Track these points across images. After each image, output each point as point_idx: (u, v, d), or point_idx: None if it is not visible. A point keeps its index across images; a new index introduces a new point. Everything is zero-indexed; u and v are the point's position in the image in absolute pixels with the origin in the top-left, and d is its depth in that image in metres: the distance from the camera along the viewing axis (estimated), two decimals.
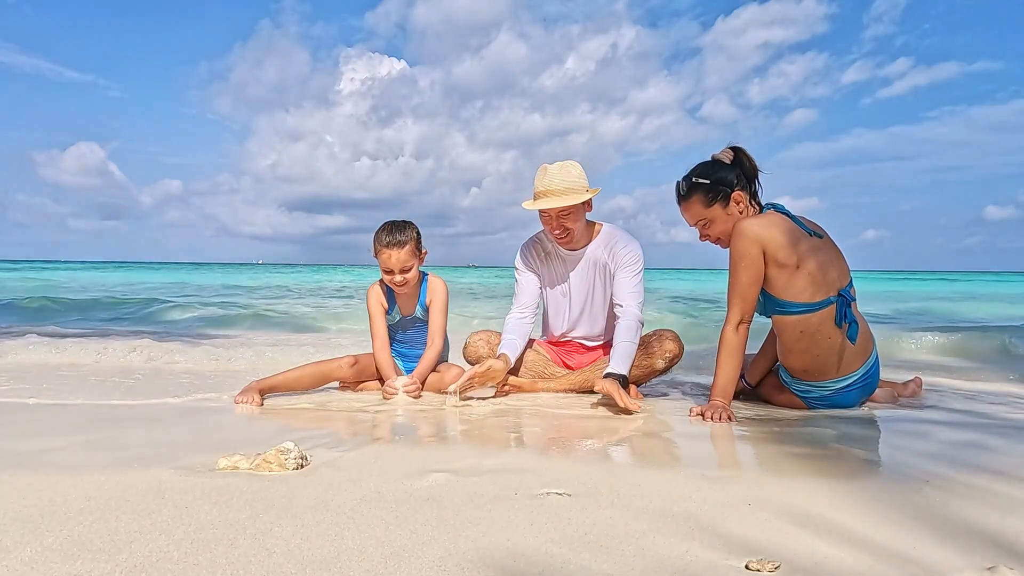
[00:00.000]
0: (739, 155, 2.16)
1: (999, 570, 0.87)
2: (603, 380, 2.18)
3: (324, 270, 43.67)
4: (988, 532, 1.03)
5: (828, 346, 2.05)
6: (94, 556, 0.91)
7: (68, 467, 1.35)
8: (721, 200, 2.13)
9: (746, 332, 2.08)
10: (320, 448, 1.54)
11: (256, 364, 3.44)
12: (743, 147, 2.17)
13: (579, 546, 0.96)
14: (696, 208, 2.17)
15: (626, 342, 2.32)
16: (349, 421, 2.01)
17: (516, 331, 2.53)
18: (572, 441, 1.73)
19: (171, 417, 2.00)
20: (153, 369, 3.26)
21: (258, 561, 0.90)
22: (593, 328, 2.63)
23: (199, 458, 1.42)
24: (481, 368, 2.31)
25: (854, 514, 1.10)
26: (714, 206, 2.14)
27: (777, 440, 1.73)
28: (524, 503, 1.15)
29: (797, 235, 2.02)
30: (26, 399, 2.29)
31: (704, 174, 2.15)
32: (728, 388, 2.08)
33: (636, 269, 2.48)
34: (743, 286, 2.03)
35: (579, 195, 2.37)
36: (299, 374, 2.49)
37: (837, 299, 2.02)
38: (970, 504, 1.16)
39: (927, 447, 1.64)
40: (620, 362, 2.27)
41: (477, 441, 1.76)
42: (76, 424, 1.87)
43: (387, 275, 2.50)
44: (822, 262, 2.03)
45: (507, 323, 2.57)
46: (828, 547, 0.96)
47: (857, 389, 2.14)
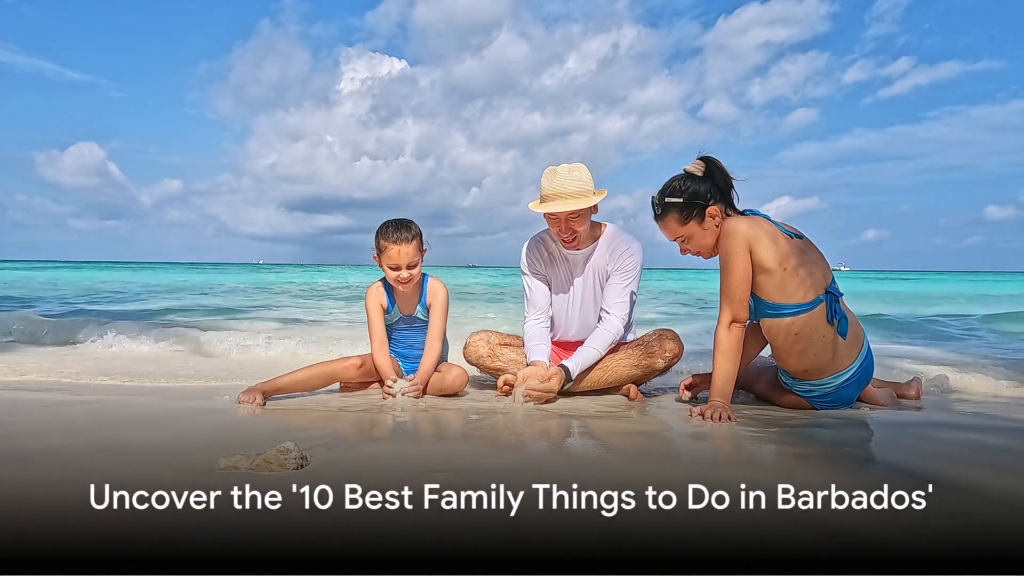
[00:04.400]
0: (711, 166, 2.11)
1: (999, 571, 0.87)
2: (531, 364, 2.34)
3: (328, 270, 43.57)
4: (988, 531, 1.03)
5: (823, 344, 2.06)
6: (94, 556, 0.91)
7: (68, 467, 1.35)
8: (696, 216, 2.11)
9: (739, 332, 2.08)
10: (320, 448, 1.53)
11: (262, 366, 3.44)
12: (715, 157, 2.12)
13: (579, 546, 0.96)
14: (672, 226, 2.16)
15: (592, 348, 2.40)
16: (349, 421, 2.01)
17: (539, 336, 2.54)
18: (573, 441, 1.73)
19: (171, 417, 2.00)
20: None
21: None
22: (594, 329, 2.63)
23: (199, 458, 1.42)
24: (541, 385, 2.28)
25: (854, 514, 1.10)
26: (690, 223, 2.12)
27: (777, 440, 1.73)
28: (524, 503, 1.15)
29: (780, 237, 2.04)
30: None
31: (676, 192, 2.12)
32: (726, 388, 2.08)
33: (631, 276, 2.48)
34: (733, 285, 2.04)
35: (589, 198, 2.37)
36: (305, 375, 2.48)
37: (826, 296, 2.05)
38: (970, 503, 1.16)
39: (927, 447, 1.64)
40: (575, 363, 2.36)
41: (477, 441, 1.76)
42: (76, 424, 1.87)
43: (393, 271, 2.49)
44: (808, 262, 2.06)
45: (528, 331, 2.57)
46: (828, 547, 0.96)
47: (856, 381, 2.15)
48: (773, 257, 2.00)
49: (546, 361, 2.43)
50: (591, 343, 2.41)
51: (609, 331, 2.41)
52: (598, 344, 2.41)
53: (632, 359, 2.48)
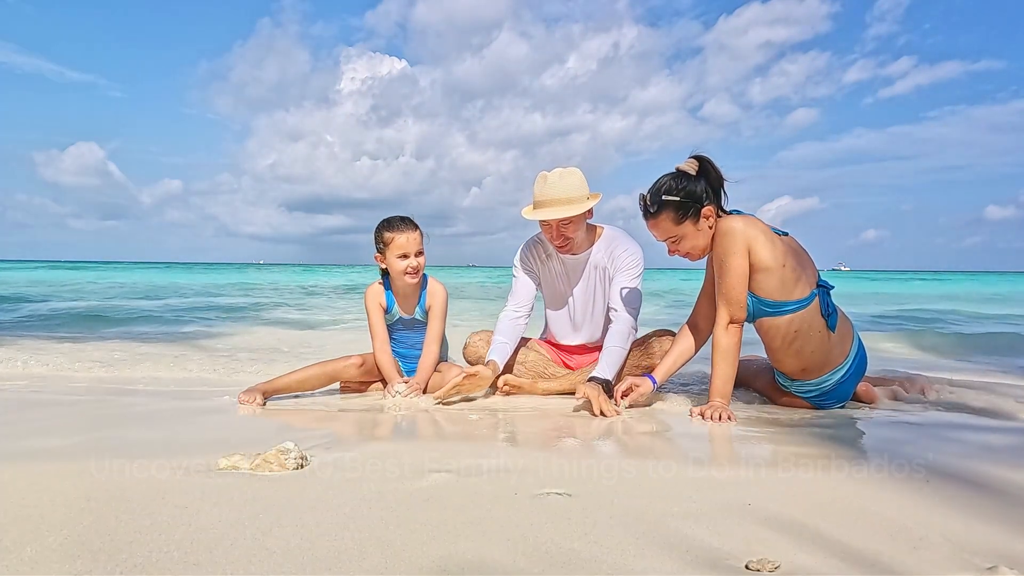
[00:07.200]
0: (704, 165, 2.07)
1: (999, 570, 0.87)
2: (585, 384, 2.17)
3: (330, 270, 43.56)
4: (988, 532, 1.03)
5: (819, 340, 2.06)
6: (94, 556, 0.91)
7: (68, 467, 1.35)
8: (692, 216, 2.06)
9: (737, 332, 2.07)
10: (320, 448, 1.53)
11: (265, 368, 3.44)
12: (707, 156, 2.07)
13: (579, 546, 0.96)
14: (665, 225, 2.10)
15: (616, 347, 2.32)
16: (349, 421, 2.01)
17: (508, 333, 2.51)
18: (572, 441, 1.73)
19: (171, 417, 1.99)
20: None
21: (258, 561, 0.90)
22: (595, 333, 2.63)
23: (199, 458, 1.42)
24: (463, 376, 2.27)
25: (854, 514, 1.10)
26: (685, 223, 2.07)
27: (777, 440, 1.73)
28: (524, 503, 1.15)
29: (773, 235, 2.05)
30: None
31: (672, 190, 2.06)
32: (725, 388, 2.08)
33: (634, 274, 2.46)
34: (730, 286, 2.03)
35: (580, 205, 2.34)
36: (305, 375, 2.48)
37: (819, 291, 2.06)
38: (970, 504, 1.16)
39: (927, 446, 1.64)
40: (606, 367, 2.26)
41: (477, 441, 1.76)
42: (76, 424, 1.87)
43: (402, 261, 2.48)
44: (802, 258, 2.08)
45: (500, 322, 2.55)
46: (828, 547, 0.96)
47: (852, 375, 2.15)
48: (772, 255, 2.00)
49: (499, 363, 2.41)
50: (613, 342, 2.33)
51: (625, 326, 2.35)
52: (620, 342, 2.33)
53: (631, 359, 2.48)
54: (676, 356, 2.29)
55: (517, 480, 1.29)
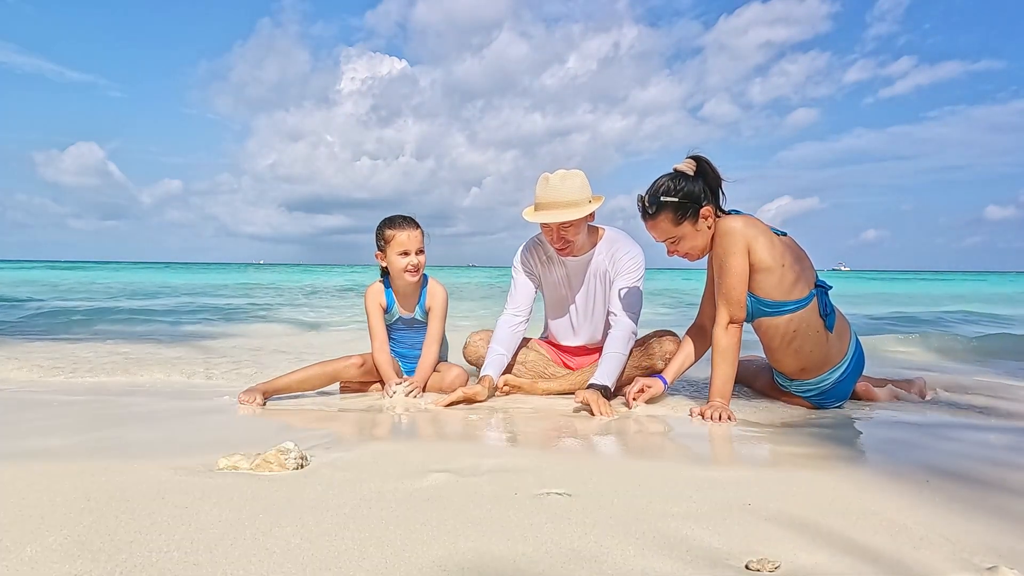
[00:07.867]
0: (702, 165, 2.06)
1: (999, 570, 0.87)
2: (584, 390, 2.17)
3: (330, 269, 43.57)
4: (988, 532, 1.03)
5: (817, 339, 2.07)
6: (94, 556, 0.91)
7: (68, 467, 1.35)
8: (691, 217, 2.06)
9: (737, 332, 2.07)
10: (320, 448, 1.53)
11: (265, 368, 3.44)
12: (705, 156, 2.06)
13: (580, 546, 0.96)
14: (664, 226, 2.09)
15: (615, 352, 2.31)
16: (349, 421, 2.01)
17: (505, 342, 2.50)
18: (572, 441, 1.73)
19: (171, 417, 1.99)
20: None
21: (258, 561, 0.90)
22: (595, 334, 2.63)
23: (199, 458, 1.42)
24: (459, 395, 2.26)
25: (854, 514, 1.10)
26: (683, 223, 2.07)
27: (777, 440, 1.73)
28: (524, 503, 1.15)
29: (773, 235, 2.05)
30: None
31: (671, 191, 2.05)
32: (725, 388, 2.08)
33: (635, 277, 2.44)
34: (730, 285, 2.03)
35: (581, 208, 2.32)
36: (305, 375, 2.48)
37: (817, 290, 2.06)
38: (970, 503, 1.16)
39: (927, 446, 1.64)
40: (605, 373, 2.26)
41: (477, 441, 1.76)
42: (76, 424, 1.86)
43: (404, 259, 2.49)
44: (801, 257, 2.08)
45: (499, 328, 2.53)
46: (828, 547, 0.96)
47: (851, 374, 2.15)
48: (771, 255, 2.00)
49: (495, 377, 2.39)
50: (612, 348, 2.32)
51: (625, 331, 2.35)
52: (620, 347, 2.32)
53: (632, 360, 2.48)
54: (684, 357, 2.32)
55: (517, 480, 1.29)
